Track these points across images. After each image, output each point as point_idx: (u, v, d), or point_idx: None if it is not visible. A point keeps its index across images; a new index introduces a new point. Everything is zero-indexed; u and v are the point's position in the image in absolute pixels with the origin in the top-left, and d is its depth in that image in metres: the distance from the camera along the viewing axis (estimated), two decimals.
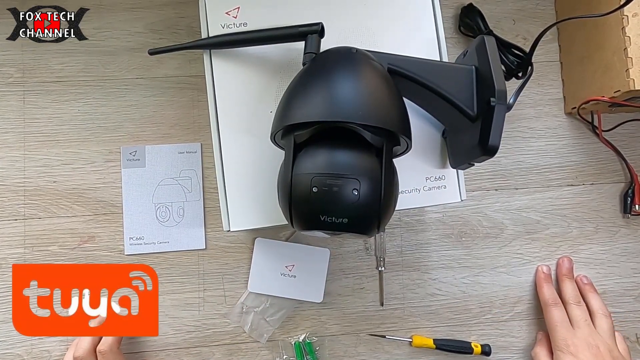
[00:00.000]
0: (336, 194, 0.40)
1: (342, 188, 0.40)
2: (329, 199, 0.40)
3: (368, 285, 0.67)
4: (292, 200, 0.42)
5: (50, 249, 0.65)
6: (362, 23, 0.52)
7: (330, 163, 0.41)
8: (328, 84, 0.42)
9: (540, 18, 0.71)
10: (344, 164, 0.41)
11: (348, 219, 0.40)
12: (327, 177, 0.40)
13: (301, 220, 0.42)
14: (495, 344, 0.67)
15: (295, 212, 0.42)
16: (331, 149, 0.42)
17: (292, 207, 0.42)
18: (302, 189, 0.41)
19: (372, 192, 0.41)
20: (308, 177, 0.41)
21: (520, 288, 0.68)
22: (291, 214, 0.42)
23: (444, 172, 0.53)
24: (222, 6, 0.52)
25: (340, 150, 0.41)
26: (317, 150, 0.42)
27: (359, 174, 0.40)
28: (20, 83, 0.66)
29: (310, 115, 0.41)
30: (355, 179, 0.40)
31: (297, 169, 0.42)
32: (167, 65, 0.67)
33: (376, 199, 0.41)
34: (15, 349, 0.63)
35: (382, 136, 0.41)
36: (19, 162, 0.65)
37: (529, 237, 0.69)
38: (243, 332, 0.65)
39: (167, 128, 0.67)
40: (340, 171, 0.40)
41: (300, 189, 0.41)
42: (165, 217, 0.66)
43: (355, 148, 0.41)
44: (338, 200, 0.40)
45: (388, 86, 0.44)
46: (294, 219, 0.43)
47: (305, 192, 0.41)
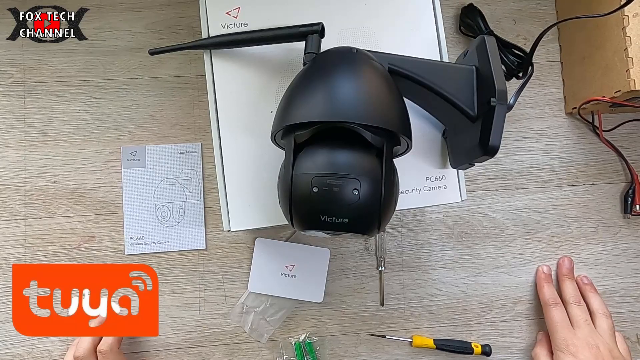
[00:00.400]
0: (336, 194, 0.40)
1: (343, 188, 0.40)
2: (329, 198, 0.40)
3: (368, 285, 0.67)
4: (293, 200, 0.42)
5: (50, 248, 0.65)
6: (363, 23, 0.52)
7: (331, 163, 0.41)
8: (328, 84, 0.42)
9: (540, 18, 0.71)
10: (344, 164, 0.41)
11: (348, 219, 0.40)
12: (328, 177, 0.40)
13: (301, 220, 0.42)
14: (495, 344, 0.67)
15: (296, 212, 0.42)
16: (331, 149, 0.42)
17: (293, 207, 0.42)
18: (303, 188, 0.41)
19: (372, 192, 0.41)
20: (308, 177, 0.41)
21: (520, 288, 0.68)
22: (291, 214, 0.42)
23: (445, 172, 0.53)
24: (223, 6, 0.52)
25: (340, 151, 0.41)
26: (318, 151, 0.42)
27: (359, 174, 0.40)
28: (20, 83, 0.66)
29: (310, 115, 0.41)
30: (356, 179, 0.40)
31: (297, 169, 0.42)
32: (167, 65, 0.67)
33: (376, 199, 0.41)
34: (16, 349, 0.63)
35: (383, 136, 0.41)
36: (19, 162, 0.65)
37: (530, 237, 0.69)
38: (243, 332, 0.65)
39: (168, 128, 0.67)
40: (341, 171, 0.40)
41: (300, 189, 0.41)
42: (165, 217, 0.66)
43: (355, 148, 0.41)
44: (338, 200, 0.40)
45: (388, 86, 0.44)
46: (294, 219, 0.43)
47: (305, 192, 0.41)
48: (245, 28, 0.52)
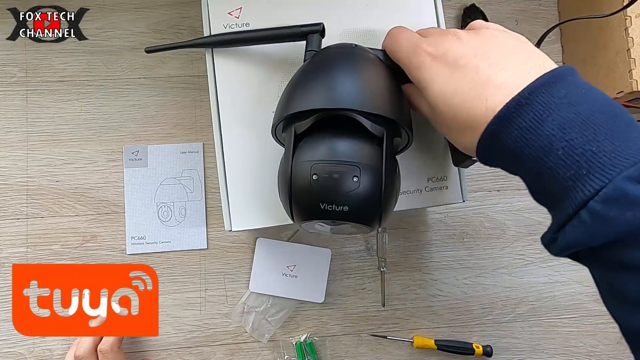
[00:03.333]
0: (336, 181, 0.40)
1: (343, 175, 0.40)
2: (330, 186, 0.40)
3: (369, 286, 0.67)
4: (292, 189, 0.41)
5: (52, 248, 0.65)
6: (364, 23, 0.52)
7: (331, 150, 0.41)
8: (328, 74, 0.42)
9: (543, 19, 0.71)
10: (345, 151, 0.41)
11: (349, 207, 0.40)
12: (328, 164, 0.40)
13: (301, 210, 0.42)
14: (496, 345, 0.67)
15: (296, 202, 0.42)
16: (332, 137, 0.41)
17: (292, 196, 0.41)
18: (302, 177, 0.40)
19: (373, 181, 0.40)
20: (308, 165, 0.40)
21: (522, 289, 0.68)
22: (291, 205, 0.42)
23: (446, 173, 0.52)
24: (225, 6, 0.52)
25: (340, 139, 0.41)
26: (318, 140, 0.42)
27: (360, 161, 0.40)
28: (23, 82, 0.66)
29: (310, 104, 0.41)
30: (356, 165, 0.40)
31: (297, 158, 0.42)
32: (169, 65, 0.68)
33: (377, 188, 0.40)
34: (17, 348, 0.64)
35: (383, 125, 0.41)
36: (21, 162, 0.65)
37: (531, 238, 0.69)
38: (244, 332, 0.65)
39: (169, 128, 0.67)
40: (341, 158, 0.40)
41: (300, 178, 0.41)
42: (167, 216, 0.66)
43: (356, 137, 0.41)
44: (338, 187, 0.40)
45: (389, 78, 0.43)
46: (294, 210, 0.42)
47: (305, 181, 0.40)
48: (247, 28, 0.52)
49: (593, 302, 0.68)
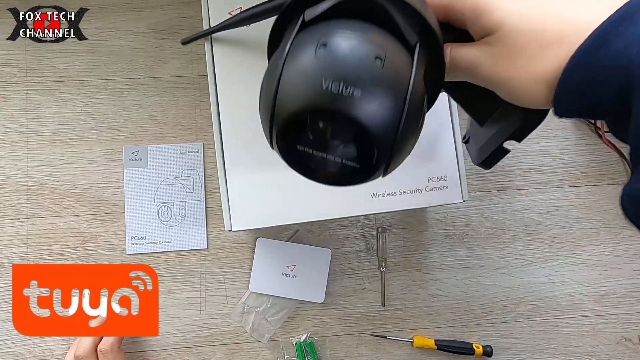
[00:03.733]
0: (353, 52, 0.29)
1: (363, 48, 0.29)
2: (341, 56, 0.29)
3: (369, 286, 0.67)
4: (284, 69, 0.30)
5: (52, 248, 0.65)
6: None
7: (350, 29, 0.30)
8: None
9: None
10: (368, 31, 0.31)
11: (362, 91, 0.28)
12: (344, 34, 0.29)
13: (291, 95, 0.30)
14: (496, 345, 0.67)
15: (286, 83, 0.30)
16: (350, 21, 0.31)
17: (282, 76, 0.30)
18: (304, 51, 0.30)
19: (397, 79, 0.30)
20: (314, 39, 0.30)
21: (522, 289, 0.68)
22: (277, 90, 0.30)
23: (446, 172, 0.52)
24: (225, 6, 0.52)
25: (362, 23, 0.31)
26: (331, 22, 0.31)
27: (386, 49, 0.29)
28: (23, 82, 0.66)
29: None
30: (381, 47, 0.29)
31: (298, 39, 0.31)
32: (169, 65, 0.68)
33: (401, 93, 0.29)
34: (17, 348, 0.64)
35: (417, 29, 0.32)
36: (21, 162, 0.65)
37: (531, 238, 0.69)
38: (244, 332, 0.65)
39: (170, 128, 0.67)
40: (363, 35, 0.30)
41: (299, 54, 0.30)
42: (167, 216, 0.66)
43: (383, 32, 0.31)
44: (354, 58, 0.29)
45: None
46: (279, 100, 0.30)
47: (307, 55, 0.29)
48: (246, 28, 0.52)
49: (593, 302, 0.69)
